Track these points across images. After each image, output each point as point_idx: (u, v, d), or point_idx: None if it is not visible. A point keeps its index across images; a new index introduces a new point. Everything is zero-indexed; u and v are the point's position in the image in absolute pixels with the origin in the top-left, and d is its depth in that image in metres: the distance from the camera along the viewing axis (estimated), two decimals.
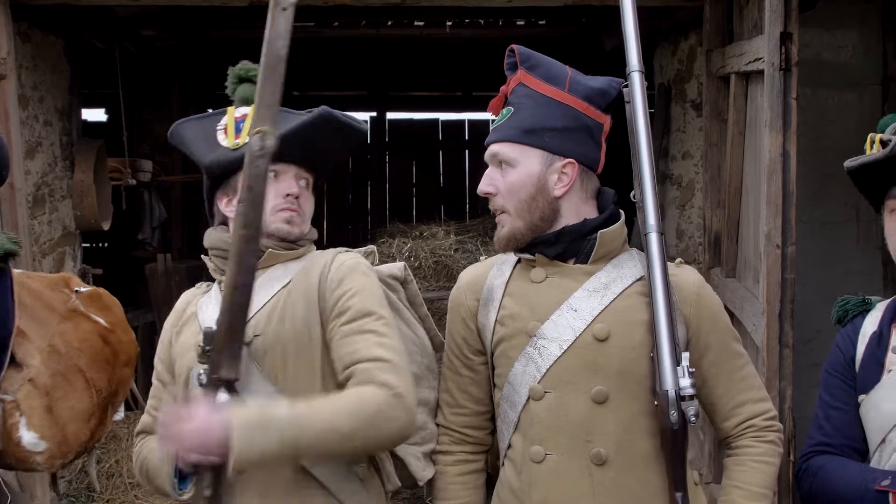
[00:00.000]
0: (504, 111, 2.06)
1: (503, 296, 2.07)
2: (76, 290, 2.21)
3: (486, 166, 2.08)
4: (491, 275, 2.11)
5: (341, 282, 2.06)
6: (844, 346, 2.18)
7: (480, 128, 8.75)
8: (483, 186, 2.06)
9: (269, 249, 2.11)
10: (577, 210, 2.04)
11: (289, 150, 2.06)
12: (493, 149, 2.05)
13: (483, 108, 2.25)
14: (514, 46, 2.08)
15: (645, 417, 1.95)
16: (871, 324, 2.15)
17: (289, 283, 2.10)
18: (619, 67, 2.08)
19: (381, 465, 2.13)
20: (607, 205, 2.08)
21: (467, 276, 2.17)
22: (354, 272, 2.08)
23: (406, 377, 1.97)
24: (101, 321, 2.19)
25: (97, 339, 2.17)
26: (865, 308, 2.20)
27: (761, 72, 3.68)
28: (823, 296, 3.53)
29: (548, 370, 1.97)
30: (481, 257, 2.26)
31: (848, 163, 2.13)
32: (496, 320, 2.05)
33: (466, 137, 8.90)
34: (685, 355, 1.91)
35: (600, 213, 2.06)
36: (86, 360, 2.14)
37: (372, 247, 2.26)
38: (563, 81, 2.03)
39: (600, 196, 2.09)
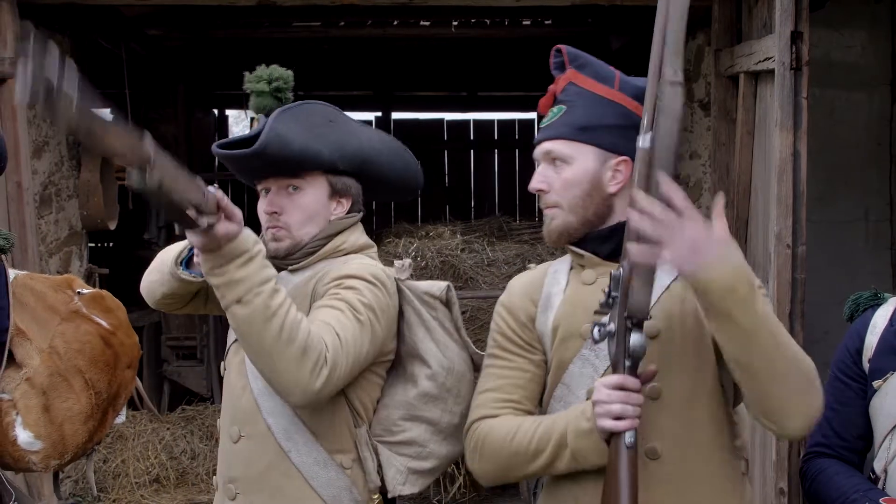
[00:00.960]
0: (555, 109, 2.06)
1: (560, 303, 2.05)
2: (78, 292, 2.21)
3: (489, 166, 2.10)
4: (547, 282, 2.10)
5: (341, 279, 2.08)
6: (850, 341, 2.19)
7: (486, 128, 8.70)
8: (535, 183, 2.05)
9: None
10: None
11: (265, 170, 2.15)
12: (547, 146, 2.05)
13: (488, 108, 2.26)
14: (560, 46, 2.09)
15: (699, 409, 1.95)
16: (882, 316, 2.16)
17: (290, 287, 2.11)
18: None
19: (364, 462, 2.12)
20: None
21: (522, 282, 2.15)
22: (354, 278, 2.08)
23: (339, 367, 1.94)
24: (103, 323, 2.19)
25: (98, 341, 2.16)
26: (877, 302, 2.21)
27: (771, 71, 3.66)
28: (831, 296, 3.51)
29: (605, 371, 1.96)
30: (530, 265, 2.22)
31: None
32: (552, 326, 2.04)
33: (472, 137, 8.84)
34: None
35: None
36: (85, 362, 2.13)
37: (408, 260, 2.27)
38: (612, 80, 2.04)
39: None
